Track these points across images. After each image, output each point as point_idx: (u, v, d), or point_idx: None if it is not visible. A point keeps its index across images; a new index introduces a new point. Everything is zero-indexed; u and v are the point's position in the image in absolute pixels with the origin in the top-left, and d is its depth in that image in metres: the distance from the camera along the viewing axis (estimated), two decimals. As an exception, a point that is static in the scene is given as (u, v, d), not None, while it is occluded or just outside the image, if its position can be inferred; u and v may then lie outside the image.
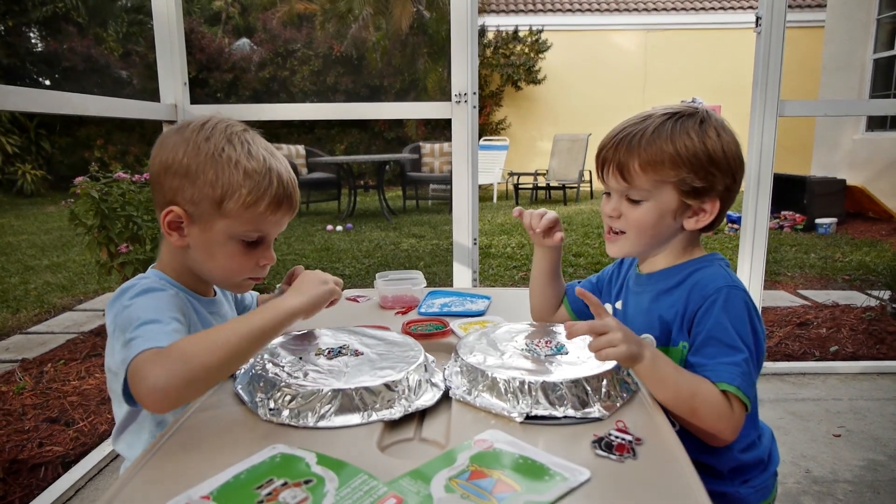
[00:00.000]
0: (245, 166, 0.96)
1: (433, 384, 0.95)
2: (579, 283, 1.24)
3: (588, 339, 0.88)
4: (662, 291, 1.02)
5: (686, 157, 0.94)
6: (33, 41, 12.81)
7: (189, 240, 1.00)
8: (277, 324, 0.89)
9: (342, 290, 1.06)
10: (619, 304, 1.13)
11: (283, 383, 0.87)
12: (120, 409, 1.02)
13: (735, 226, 6.51)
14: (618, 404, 0.88)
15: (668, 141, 0.94)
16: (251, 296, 1.32)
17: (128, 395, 0.85)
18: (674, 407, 0.88)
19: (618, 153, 0.97)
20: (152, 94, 2.46)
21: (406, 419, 0.87)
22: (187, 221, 0.98)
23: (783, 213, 6.93)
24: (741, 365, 0.89)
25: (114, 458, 2.15)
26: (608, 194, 1.04)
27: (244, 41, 13.48)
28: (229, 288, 1.09)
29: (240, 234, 0.99)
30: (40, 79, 12.66)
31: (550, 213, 1.15)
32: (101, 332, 3.56)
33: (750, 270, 2.58)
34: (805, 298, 4.10)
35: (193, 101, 2.48)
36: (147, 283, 0.97)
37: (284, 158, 1.05)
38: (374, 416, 0.85)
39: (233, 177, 0.95)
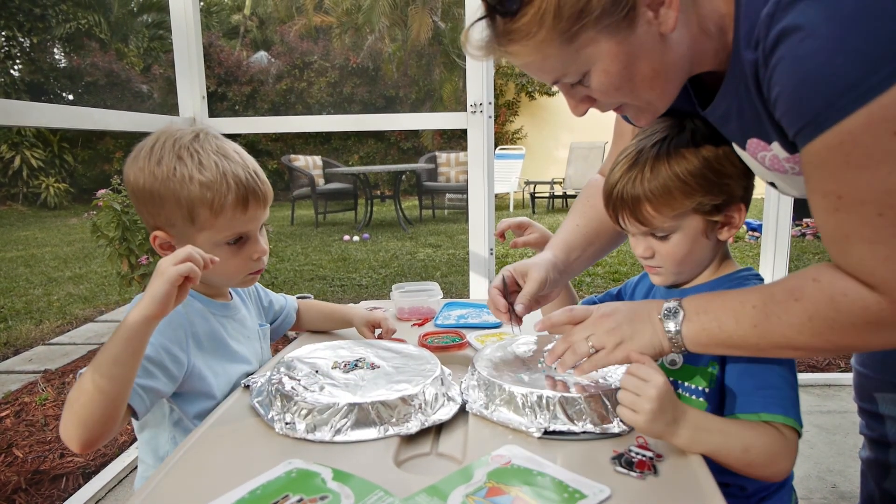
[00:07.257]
0: (199, 179, 0.98)
1: (450, 398, 0.94)
2: (597, 297, 1.22)
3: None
4: None
5: (694, 183, 0.90)
6: (57, 57, 13.10)
7: None
8: (128, 341, 0.82)
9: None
10: None
11: (299, 397, 0.87)
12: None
13: (756, 234, 6.42)
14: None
15: (669, 174, 0.90)
16: (284, 299, 1.33)
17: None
18: (726, 465, 0.82)
19: (625, 200, 0.94)
20: (172, 108, 2.49)
21: (422, 433, 0.86)
22: (173, 241, 1.02)
23: (805, 220, 6.82)
24: (783, 388, 0.85)
25: (133, 468, 2.17)
26: (632, 234, 1.00)
27: (262, 54, 13.66)
28: (235, 286, 1.14)
29: (222, 240, 1.02)
30: (63, 94, 12.93)
31: (515, 220, 1.22)
32: (121, 343, 3.59)
33: (772, 280, 2.54)
34: (829, 307, 4.02)
35: (212, 114, 2.50)
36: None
37: (241, 154, 1.05)
38: (391, 431, 0.85)
39: (192, 192, 0.98)
